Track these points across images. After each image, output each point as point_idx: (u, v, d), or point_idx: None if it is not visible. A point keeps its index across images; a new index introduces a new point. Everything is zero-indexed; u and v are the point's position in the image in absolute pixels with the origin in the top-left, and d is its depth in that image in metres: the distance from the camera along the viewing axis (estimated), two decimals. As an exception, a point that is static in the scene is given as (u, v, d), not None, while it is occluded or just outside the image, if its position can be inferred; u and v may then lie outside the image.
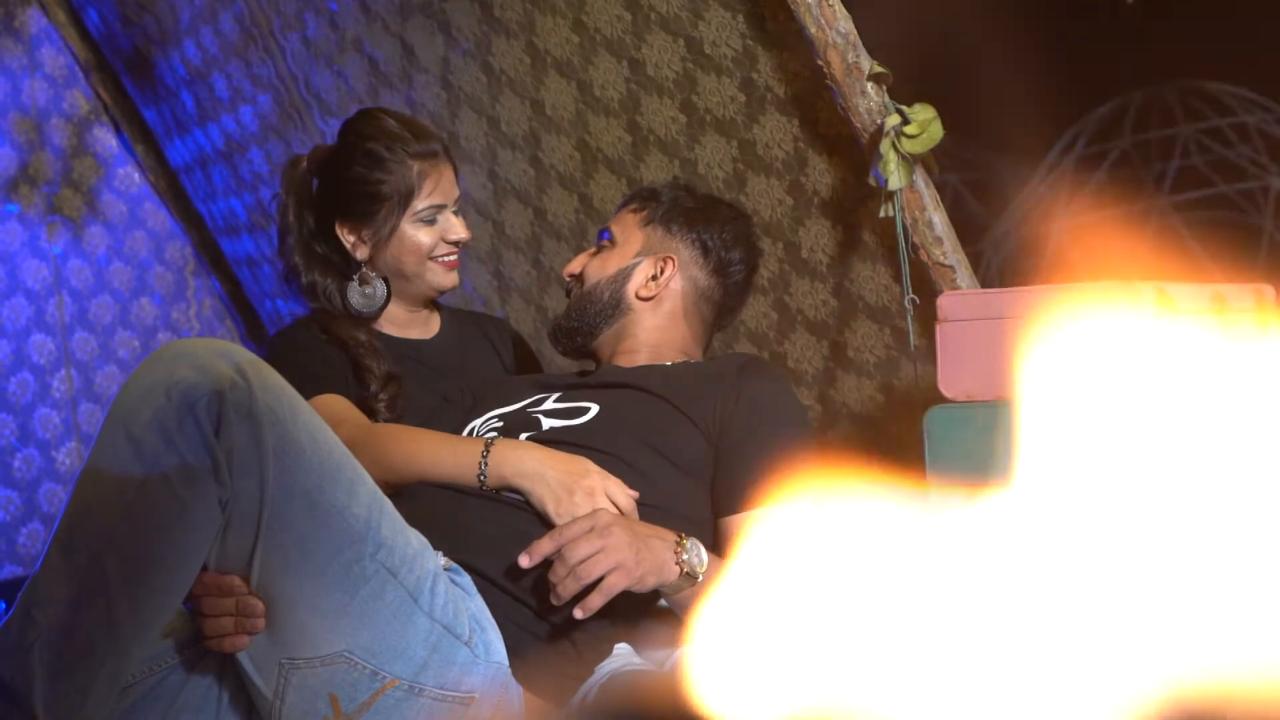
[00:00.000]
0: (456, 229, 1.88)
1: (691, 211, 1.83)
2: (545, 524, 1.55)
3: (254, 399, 1.29)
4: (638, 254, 1.82)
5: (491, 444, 1.60)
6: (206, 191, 3.81)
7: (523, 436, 1.67)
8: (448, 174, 1.89)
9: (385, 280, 1.89)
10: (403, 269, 1.87)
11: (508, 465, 1.57)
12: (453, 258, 1.90)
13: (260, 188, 3.55)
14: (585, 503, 1.53)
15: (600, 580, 1.43)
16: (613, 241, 1.84)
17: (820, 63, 1.94)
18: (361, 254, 1.87)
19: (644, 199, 1.87)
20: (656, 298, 1.81)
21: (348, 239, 1.87)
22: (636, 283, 1.80)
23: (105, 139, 3.81)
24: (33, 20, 3.62)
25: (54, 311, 3.66)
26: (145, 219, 3.88)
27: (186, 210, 3.95)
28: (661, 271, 1.80)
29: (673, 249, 1.81)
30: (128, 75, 3.72)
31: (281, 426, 1.30)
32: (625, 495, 1.56)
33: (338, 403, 1.76)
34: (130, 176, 3.86)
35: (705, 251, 1.81)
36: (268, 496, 1.29)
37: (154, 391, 1.27)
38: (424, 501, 1.59)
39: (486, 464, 1.58)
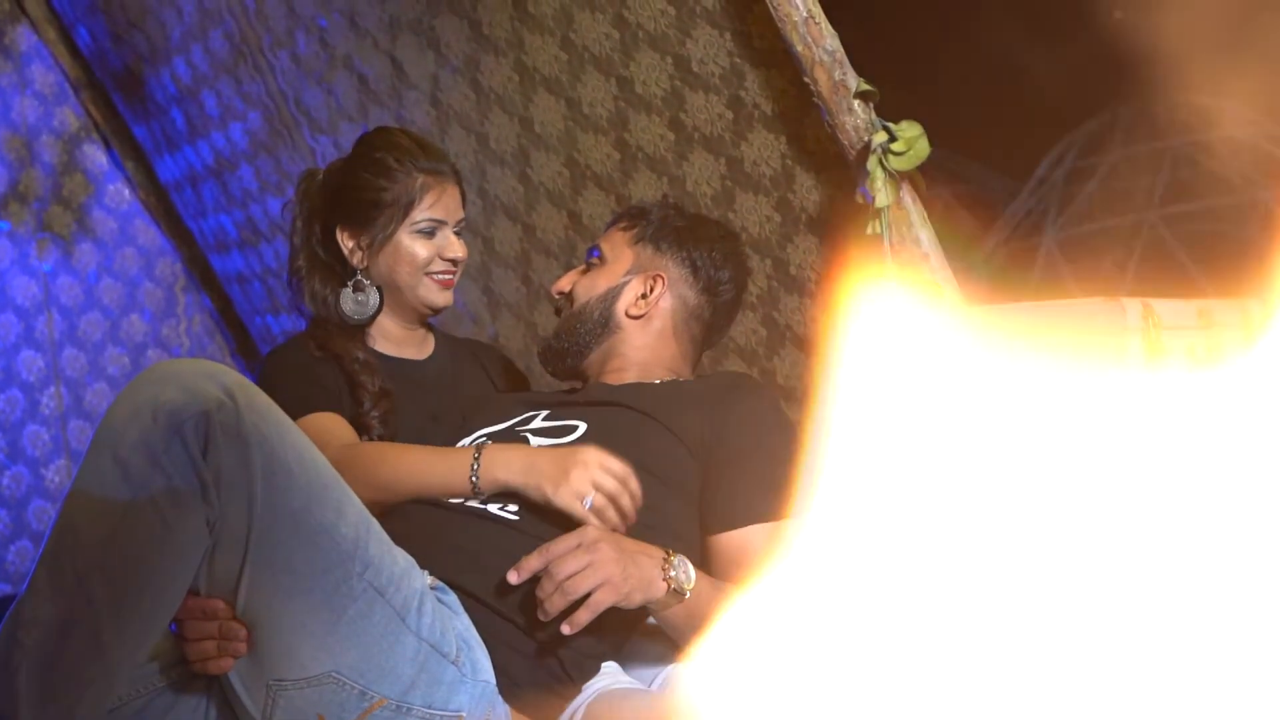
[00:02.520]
0: (455, 247, 1.89)
1: (681, 230, 1.83)
2: (533, 542, 1.55)
3: (241, 420, 1.28)
4: (627, 272, 1.82)
5: (481, 449, 1.61)
6: (196, 208, 3.81)
7: None
8: (452, 193, 1.91)
9: (379, 289, 1.90)
10: (396, 279, 1.88)
11: (499, 467, 1.58)
12: (448, 276, 1.91)
13: (250, 204, 3.55)
14: (582, 476, 1.53)
15: (588, 596, 1.44)
16: (602, 259, 1.85)
17: (807, 80, 1.95)
18: (358, 260, 1.89)
19: (633, 217, 1.87)
20: (646, 316, 1.81)
21: (346, 244, 1.89)
22: (626, 301, 1.81)
23: (95, 156, 3.81)
24: (23, 38, 3.62)
25: (43, 328, 3.65)
26: (135, 236, 3.88)
27: (176, 227, 3.95)
28: (651, 290, 1.80)
29: (662, 267, 1.81)
30: (118, 92, 3.72)
31: (269, 447, 1.30)
32: (619, 464, 1.56)
33: (330, 420, 1.76)
34: (120, 193, 3.86)
35: (695, 270, 1.82)
36: (255, 517, 1.29)
37: (141, 413, 1.27)
38: (411, 521, 1.59)
39: (478, 469, 1.58)
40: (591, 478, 1.54)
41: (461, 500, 1.61)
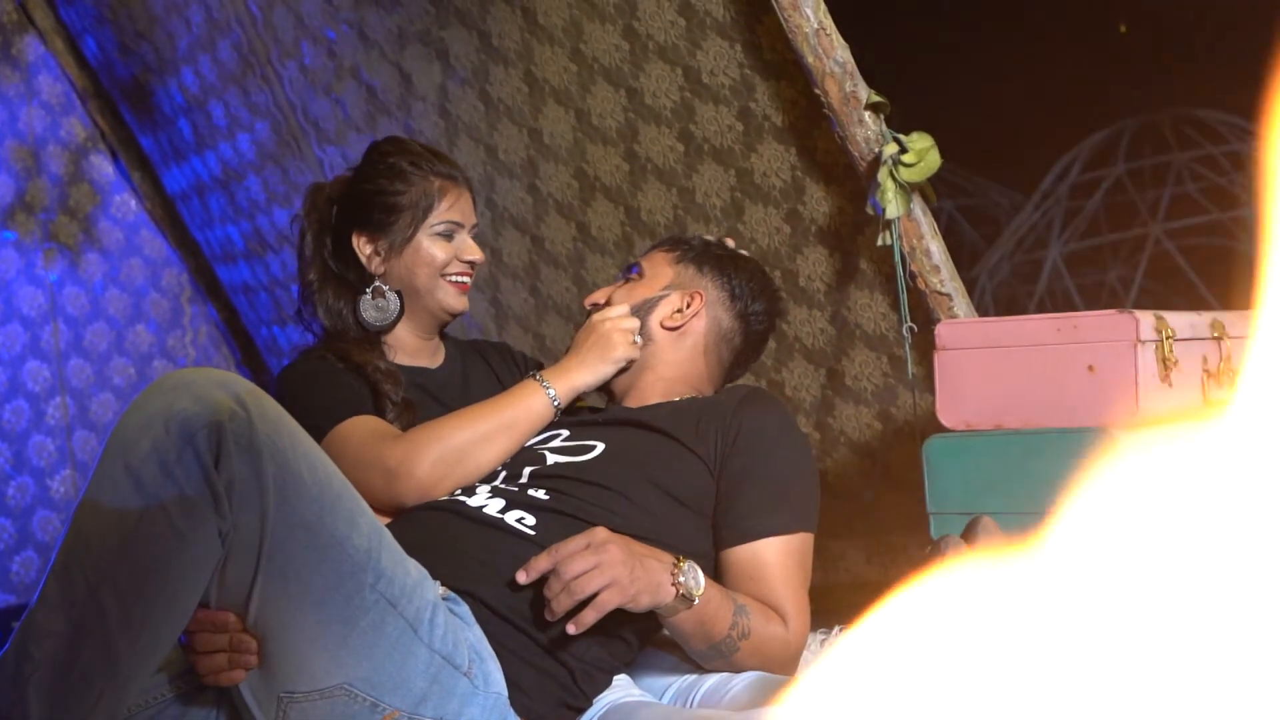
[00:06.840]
0: (472, 249, 1.90)
1: (722, 258, 1.86)
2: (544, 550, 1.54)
3: (254, 430, 1.28)
4: (665, 287, 1.84)
5: (538, 373, 1.78)
6: (203, 219, 3.82)
7: (527, 471, 1.67)
8: (466, 197, 1.92)
9: (399, 293, 1.89)
10: (415, 284, 1.88)
11: (563, 380, 1.76)
12: (464, 280, 1.91)
13: (257, 215, 3.56)
14: (615, 335, 1.77)
15: (594, 597, 1.43)
16: (641, 275, 1.86)
17: (818, 91, 1.95)
18: (376, 266, 1.88)
19: (675, 242, 1.90)
20: (680, 330, 1.82)
21: (363, 250, 1.88)
22: (662, 313, 1.82)
23: (102, 166, 3.81)
24: (30, 48, 3.63)
25: (49, 339, 3.65)
26: (142, 246, 3.89)
27: (183, 237, 3.96)
28: (688, 305, 1.81)
29: (701, 286, 1.83)
30: (125, 103, 3.73)
31: (282, 457, 1.29)
32: (603, 312, 1.81)
33: (375, 421, 1.75)
34: (127, 204, 3.86)
35: (733, 295, 1.83)
36: (268, 528, 1.28)
37: (153, 423, 1.26)
38: (426, 530, 1.58)
39: (551, 390, 1.75)
40: (616, 329, 1.77)
41: (479, 508, 1.61)
